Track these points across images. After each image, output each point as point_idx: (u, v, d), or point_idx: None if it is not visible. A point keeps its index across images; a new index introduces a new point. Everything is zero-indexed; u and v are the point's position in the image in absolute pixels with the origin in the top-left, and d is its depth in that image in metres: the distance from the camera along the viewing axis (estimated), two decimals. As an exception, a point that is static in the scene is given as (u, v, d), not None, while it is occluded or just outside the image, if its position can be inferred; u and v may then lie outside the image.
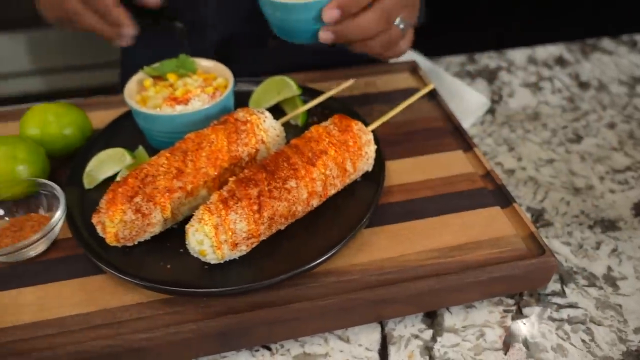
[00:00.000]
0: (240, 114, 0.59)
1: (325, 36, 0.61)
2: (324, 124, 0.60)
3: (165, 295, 0.51)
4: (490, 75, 0.95)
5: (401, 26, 0.65)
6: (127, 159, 0.60)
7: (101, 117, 0.74)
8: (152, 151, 0.65)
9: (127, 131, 0.69)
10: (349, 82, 0.70)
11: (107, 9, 0.71)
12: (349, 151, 0.57)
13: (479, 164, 0.67)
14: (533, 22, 1.80)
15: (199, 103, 0.62)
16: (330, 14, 0.59)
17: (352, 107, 0.73)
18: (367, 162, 0.60)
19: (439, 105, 0.77)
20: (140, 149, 0.64)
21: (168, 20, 0.88)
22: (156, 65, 0.67)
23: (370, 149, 0.60)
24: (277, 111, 0.71)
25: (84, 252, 0.55)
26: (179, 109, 0.61)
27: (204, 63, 0.68)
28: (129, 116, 0.71)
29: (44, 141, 0.63)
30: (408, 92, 0.76)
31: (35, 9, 0.78)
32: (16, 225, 0.57)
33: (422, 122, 0.74)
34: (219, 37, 0.85)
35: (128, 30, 0.71)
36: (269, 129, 0.60)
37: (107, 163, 0.61)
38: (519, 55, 1.00)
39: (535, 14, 1.83)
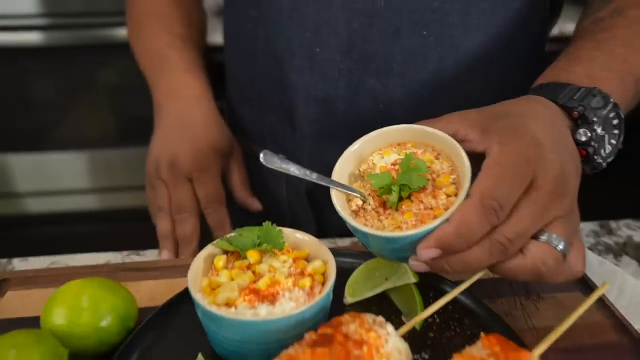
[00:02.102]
0: (352, 327, 0.40)
1: (417, 267, 0.45)
2: (474, 351, 0.40)
3: None
4: (638, 252, 0.74)
5: (560, 247, 0.44)
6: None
7: (150, 290, 0.57)
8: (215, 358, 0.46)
9: (182, 322, 0.51)
10: (482, 273, 0.51)
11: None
12: (524, 407, 0.36)
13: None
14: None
15: (291, 303, 0.43)
16: (426, 254, 0.43)
17: (483, 302, 0.54)
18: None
19: (604, 305, 0.56)
20: (200, 359, 0.45)
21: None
22: (232, 235, 0.50)
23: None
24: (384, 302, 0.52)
25: None
26: (263, 311, 0.43)
27: (296, 235, 0.52)
28: (185, 297, 0.53)
29: (71, 334, 0.46)
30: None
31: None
32: None
33: (586, 333, 0.53)
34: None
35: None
36: (392, 352, 0.40)
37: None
38: (666, 226, 0.80)
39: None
